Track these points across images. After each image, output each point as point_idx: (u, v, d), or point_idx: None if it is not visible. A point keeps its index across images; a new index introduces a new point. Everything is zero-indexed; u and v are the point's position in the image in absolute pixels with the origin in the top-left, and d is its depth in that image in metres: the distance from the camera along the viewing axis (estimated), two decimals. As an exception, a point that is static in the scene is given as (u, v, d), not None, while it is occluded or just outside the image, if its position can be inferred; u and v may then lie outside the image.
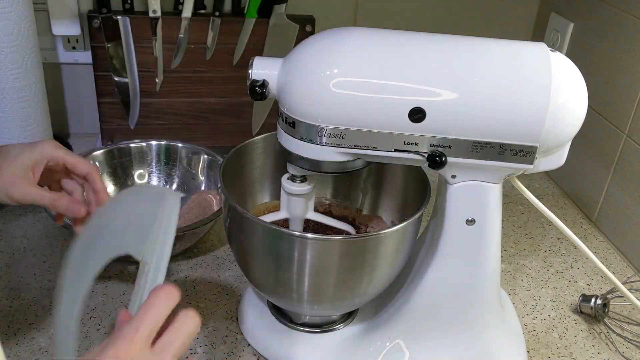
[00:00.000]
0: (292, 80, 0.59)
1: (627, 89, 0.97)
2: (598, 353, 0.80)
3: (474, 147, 0.59)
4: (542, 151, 0.60)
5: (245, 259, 0.71)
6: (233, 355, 0.75)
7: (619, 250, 1.01)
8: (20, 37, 0.97)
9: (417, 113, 0.57)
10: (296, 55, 0.60)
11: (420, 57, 0.59)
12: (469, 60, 0.59)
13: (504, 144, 0.59)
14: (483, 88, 0.58)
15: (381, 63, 0.58)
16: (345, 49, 0.58)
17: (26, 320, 0.77)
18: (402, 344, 0.72)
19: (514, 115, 0.58)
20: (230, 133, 1.16)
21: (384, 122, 0.58)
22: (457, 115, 0.58)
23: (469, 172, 0.62)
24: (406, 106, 0.57)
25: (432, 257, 0.68)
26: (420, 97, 0.57)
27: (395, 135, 0.59)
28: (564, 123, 0.59)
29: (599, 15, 1.05)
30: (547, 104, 0.57)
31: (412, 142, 0.59)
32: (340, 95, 0.57)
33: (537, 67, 0.58)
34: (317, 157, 0.61)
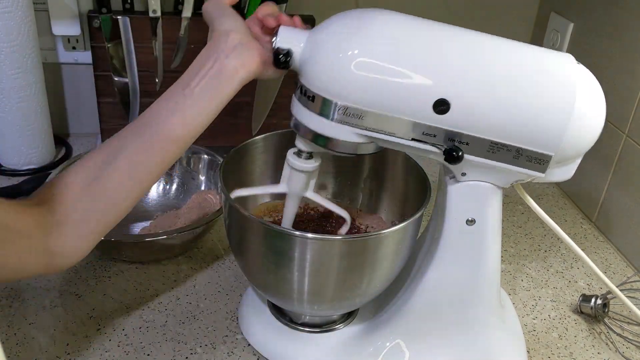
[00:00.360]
0: (316, 55, 0.58)
1: (627, 89, 0.97)
2: (598, 353, 0.80)
3: (491, 147, 0.59)
4: (555, 161, 0.60)
5: (245, 258, 0.71)
6: (233, 355, 0.75)
7: (619, 250, 1.01)
8: (20, 37, 0.97)
9: (442, 105, 0.57)
10: (324, 29, 0.59)
11: (451, 50, 0.58)
12: (499, 60, 0.58)
13: (521, 148, 0.59)
14: (510, 89, 0.58)
15: (411, 49, 0.57)
16: (374, 30, 0.57)
17: (26, 320, 0.77)
18: (402, 344, 0.72)
19: (536, 121, 0.58)
20: (230, 133, 1.16)
21: (407, 109, 0.57)
22: (481, 113, 0.58)
23: (480, 172, 0.62)
24: (432, 96, 0.57)
25: (432, 257, 0.68)
26: (448, 89, 0.57)
27: (416, 124, 0.58)
28: (582, 136, 0.59)
29: (599, 15, 1.05)
30: (569, 115, 0.58)
31: (431, 134, 0.59)
32: (363, 77, 0.56)
33: (564, 77, 0.59)
34: (331, 135, 0.60)
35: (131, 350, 0.74)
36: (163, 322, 0.78)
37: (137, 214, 0.94)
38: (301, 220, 0.81)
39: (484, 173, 0.62)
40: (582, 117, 0.58)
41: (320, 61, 0.57)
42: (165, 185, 0.99)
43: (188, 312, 0.80)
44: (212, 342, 0.76)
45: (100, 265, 0.87)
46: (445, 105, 0.57)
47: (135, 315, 0.79)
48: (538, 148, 0.59)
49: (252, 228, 0.67)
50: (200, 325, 0.78)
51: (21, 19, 0.96)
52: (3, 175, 1.07)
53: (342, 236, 0.68)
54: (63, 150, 1.16)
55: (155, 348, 0.75)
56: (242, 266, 0.73)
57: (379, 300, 0.76)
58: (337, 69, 0.57)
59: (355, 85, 0.57)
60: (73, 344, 0.74)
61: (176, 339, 0.76)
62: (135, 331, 0.77)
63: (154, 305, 0.81)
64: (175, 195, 0.99)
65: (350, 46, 0.56)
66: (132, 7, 1.08)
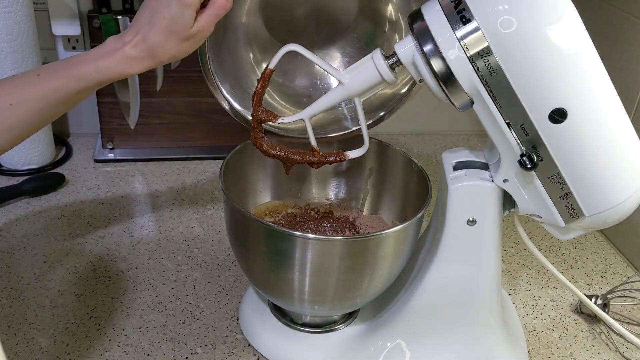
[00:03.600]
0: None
1: (627, 89, 0.97)
2: (598, 353, 0.80)
3: (553, 177, 0.60)
4: (580, 223, 0.62)
5: (246, 259, 0.71)
6: (233, 355, 0.75)
7: (619, 250, 1.01)
8: (20, 37, 0.97)
9: (561, 115, 0.56)
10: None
11: (597, 72, 0.57)
12: (617, 116, 0.59)
13: (571, 193, 0.60)
14: (612, 142, 0.58)
15: (572, 49, 0.55)
16: (567, 11, 0.55)
17: (26, 320, 0.77)
18: (403, 344, 0.72)
19: (605, 185, 0.59)
20: (230, 133, 1.16)
21: (530, 96, 0.56)
22: (578, 142, 0.57)
23: (519, 188, 0.63)
24: (559, 101, 0.56)
25: (433, 257, 0.68)
26: (576, 105, 0.56)
27: (524, 114, 0.57)
28: (611, 219, 0.61)
29: (599, 15, 1.05)
30: (626, 202, 0.59)
31: (526, 131, 0.58)
32: (527, 42, 0.54)
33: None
34: (451, 63, 0.56)
35: (131, 350, 0.74)
36: (163, 322, 0.78)
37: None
38: (302, 221, 0.81)
39: (521, 191, 0.63)
40: (627, 208, 0.60)
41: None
42: None
43: (188, 312, 0.80)
44: (212, 342, 0.76)
45: (100, 265, 0.87)
46: (562, 117, 0.56)
47: (135, 315, 0.79)
48: (584, 203, 0.60)
49: (253, 228, 0.67)
50: (200, 325, 0.78)
51: (21, 18, 0.96)
52: (3, 175, 1.07)
53: (343, 237, 0.68)
54: (63, 150, 1.16)
55: (155, 348, 0.75)
56: (242, 266, 0.73)
57: (380, 301, 0.76)
58: (504, 15, 0.53)
59: (513, 42, 0.54)
60: (73, 344, 0.74)
61: (176, 339, 0.76)
62: (135, 331, 0.77)
63: (154, 305, 0.81)
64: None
65: (538, 11, 0.53)
66: (132, 7, 1.07)
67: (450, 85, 0.57)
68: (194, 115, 1.14)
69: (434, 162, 1.23)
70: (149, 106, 1.11)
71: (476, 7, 0.54)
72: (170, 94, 1.12)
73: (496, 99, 0.57)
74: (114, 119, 1.12)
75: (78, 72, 0.60)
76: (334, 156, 0.68)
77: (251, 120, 0.68)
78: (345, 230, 0.80)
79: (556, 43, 0.54)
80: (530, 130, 0.58)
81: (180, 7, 0.57)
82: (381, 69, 0.60)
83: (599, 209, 0.60)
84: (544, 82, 0.55)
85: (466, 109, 0.60)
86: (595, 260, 0.98)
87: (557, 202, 0.61)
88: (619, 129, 0.59)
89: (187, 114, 1.14)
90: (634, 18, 0.96)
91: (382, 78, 0.61)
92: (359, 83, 0.62)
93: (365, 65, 0.62)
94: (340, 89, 0.63)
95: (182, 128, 1.15)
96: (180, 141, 1.15)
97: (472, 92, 0.57)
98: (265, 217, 0.81)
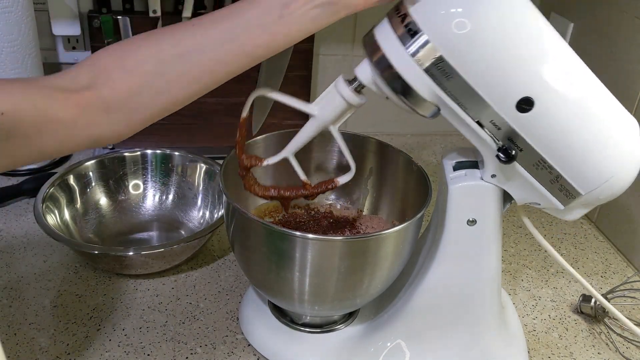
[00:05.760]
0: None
1: (627, 89, 0.97)
2: (598, 353, 0.80)
3: (538, 163, 0.59)
4: (578, 202, 0.61)
5: (246, 259, 0.71)
6: (233, 355, 0.75)
7: (619, 250, 1.01)
8: (20, 37, 0.97)
9: (527, 104, 0.56)
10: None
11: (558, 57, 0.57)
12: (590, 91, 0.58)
13: (561, 176, 0.60)
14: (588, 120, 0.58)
15: (526, 40, 0.55)
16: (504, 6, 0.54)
17: (26, 320, 0.77)
18: (403, 344, 0.72)
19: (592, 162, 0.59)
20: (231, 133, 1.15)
21: (494, 92, 0.56)
22: (554, 126, 0.57)
23: (510, 181, 0.63)
24: (522, 91, 0.55)
25: (433, 257, 0.68)
26: (540, 92, 0.56)
27: (491, 110, 0.57)
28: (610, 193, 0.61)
29: (599, 15, 1.05)
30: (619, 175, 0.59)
31: (498, 126, 0.58)
32: (476, 40, 0.54)
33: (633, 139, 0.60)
34: (409, 79, 0.56)
35: (131, 350, 0.74)
36: (163, 322, 0.78)
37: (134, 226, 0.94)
38: (302, 221, 0.81)
39: (512, 183, 0.63)
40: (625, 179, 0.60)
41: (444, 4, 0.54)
42: (161, 195, 0.98)
43: (188, 312, 0.80)
44: (212, 342, 0.76)
45: (99, 265, 0.87)
46: (529, 105, 0.56)
47: (135, 315, 0.79)
48: (576, 182, 0.60)
49: (253, 228, 0.67)
50: (200, 325, 0.78)
51: (21, 18, 0.96)
52: (3, 175, 1.07)
53: (343, 237, 0.68)
54: (63, 150, 1.16)
55: (155, 348, 0.75)
56: (242, 266, 0.73)
57: (380, 301, 0.76)
58: (455, 21, 0.53)
59: (466, 44, 0.54)
60: (73, 344, 0.74)
61: (176, 339, 0.76)
62: (135, 331, 0.77)
63: (154, 305, 0.81)
64: (173, 206, 0.98)
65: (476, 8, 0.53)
66: (132, 7, 1.07)
67: (413, 98, 0.58)
68: (194, 115, 1.14)
69: (434, 162, 1.23)
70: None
71: (423, 19, 0.54)
72: (170, 94, 1.12)
73: (460, 102, 0.57)
74: (114, 119, 1.12)
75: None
76: (325, 185, 0.70)
77: (239, 170, 0.69)
78: (345, 230, 0.80)
79: (510, 35, 0.54)
80: (502, 124, 0.58)
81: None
82: (346, 95, 0.61)
83: (593, 186, 0.59)
84: (504, 76, 0.55)
85: (436, 116, 0.60)
86: (595, 260, 0.98)
87: (549, 186, 0.61)
88: (595, 104, 0.58)
89: (187, 115, 1.14)
90: (634, 18, 0.96)
91: (349, 104, 0.62)
92: (329, 113, 0.63)
93: (330, 95, 0.63)
94: (313, 121, 0.64)
95: (182, 129, 1.15)
96: (180, 142, 1.15)
97: (435, 100, 0.58)
98: (265, 217, 0.81)
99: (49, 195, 0.88)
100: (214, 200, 0.96)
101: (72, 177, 0.93)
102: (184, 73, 0.56)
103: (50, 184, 0.89)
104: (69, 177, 0.92)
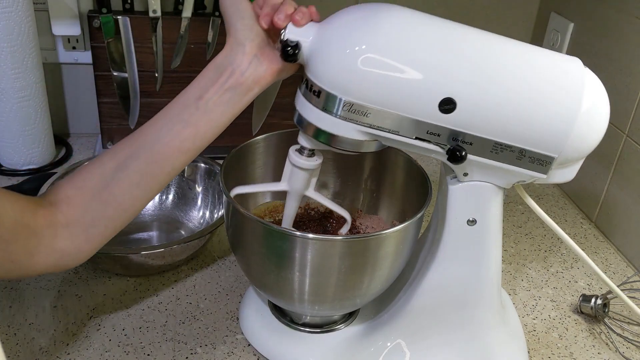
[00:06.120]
0: (324, 49, 0.57)
1: (627, 89, 0.97)
2: (598, 353, 0.80)
3: (495, 148, 0.59)
4: (558, 163, 0.60)
5: (246, 258, 0.71)
6: (233, 355, 0.75)
7: (619, 250, 1.01)
8: (20, 37, 0.97)
9: (449, 104, 0.56)
10: (332, 23, 0.58)
11: (459, 49, 0.58)
12: (507, 62, 0.58)
13: (525, 149, 0.59)
14: (516, 91, 0.57)
15: (419, 47, 0.57)
16: (384, 25, 0.57)
17: (26, 321, 0.77)
18: (403, 344, 0.72)
19: (541, 123, 0.58)
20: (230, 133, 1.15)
21: (413, 107, 0.57)
22: (487, 113, 0.57)
23: (482, 172, 0.62)
24: (439, 95, 0.56)
25: (433, 257, 0.68)
26: (455, 88, 0.56)
27: (420, 122, 0.58)
28: (586, 138, 0.59)
29: (599, 15, 1.05)
30: (574, 118, 0.58)
31: (435, 133, 0.58)
32: (371, 74, 0.56)
33: (571, 81, 0.59)
34: (335, 131, 0.59)
35: (131, 350, 0.74)
36: (163, 322, 0.78)
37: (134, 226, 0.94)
38: (302, 221, 0.81)
39: (486, 173, 0.62)
40: (587, 120, 0.58)
41: (328, 55, 0.57)
42: (161, 195, 0.98)
43: (188, 312, 0.80)
44: (212, 342, 0.76)
45: (100, 265, 0.87)
46: (451, 104, 0.57)
47: (135, 315, 0.79)
48: (542, 150, 0.59)
49: (253, 228, 0.67)
50: (200, 325, 0.78)
51: (21, 18, 0.96)
52: (3, 175, 1.07)
53: (343, 237, 0.68)
54: (63, 150, 1.16)
55: (155, 348, 0.75)
56: (242, 266, 0.73)
57: (380, 301, 0.76)
58: (344, 64, 0.56)
59: (362, 81, 0.56)
60: (73, 344, 0.74)
61: (176, 339, 0.76)
62: (135, 331, 0.77)
63: (154, 305, 0.81)
64: (173, 206, 0.98)
65: (358, 41, 0.56)
66: (132, 7, 1.07)
67: (353, 146, 0.61)
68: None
69: (434, 162, 1.23)
70: (149, 106, 1.11)
71: (320, 78, 0.57)
72: (170, 94, 1.11)
73: (389, 129, 0.59)
74: (114, 119, 1.12)
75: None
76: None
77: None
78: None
79: (401, 52, 0.56)
80: (438, 130, 0.58)
81: None
82: (302, 165, 0.65)
83: (560, 145, 0.59)
84: (413, 89, 0.56)
85: (384, 147, 0.62)
86: (595, 260, 0.98)
87: (520, 163, 0.60)
88: (515, 72, 0.58)
89: (187, 114, 1.14)
90: (634, 18, 0.96)
91: (309, 169, 0.66)
92: (298, 184, 0.67)
93: (289, 169, 0.67)
94: (290, 196, 0.69)
95: (182, 128, 1.14)
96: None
97: (370, 137, 0.60)
98: (265, 217, 0.81)
99: (49, 195, 0.88)
100: (214, 200, 0.96)
101: (72, 177, 0.93)
102: (123, 180, 0.61)
103: (51, 184, 0.89)
104: (69, 177, 0.92)
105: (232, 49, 0.60)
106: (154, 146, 0.61)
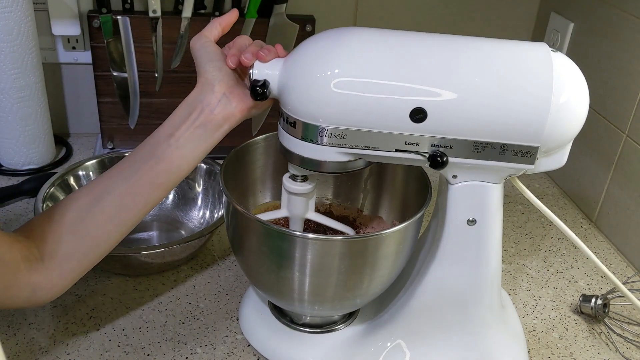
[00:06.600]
0: (293, 80, 0.59)
1: (627, 89, 0.97)
2: (598, 353, 0.80)
3: (475, 147, 0.59)
4: (543, 151, 0.60)
5: (246, 259, 0.71)
6: (233, 355, 0.75)
7: (619, 250, 1.01)
8: (20, 37, 0.97)
9: (419, 113, 0.57)
10: (297, 55, 0.60)
11: (421, 57, 0.59)
12: (470, 61, 0.59)
13: (505, 144, 0.59)
14: (484, 88, 0.58)
15: (382, 63, 0.58)
16: (346, 49, 0.58)
17: (26, 320, 0.77)
18: (403, 344, 0.72)
19: (515, 116, 0.58)
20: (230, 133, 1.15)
21: (385, 122, 0.58)
22: (458, 116, 0.58)
23: (470, 172, 0.62)
24: (407, 106, 0.57)
25: (433, 257, 0.68)
26: (422, 97, 0.57)
27: (396, 135, 0.59)
28: (565, 123, 0.59)
29: (599, 15, 1.05)
30: (548, 105, 0.57)
31: (414, 142, 0.59)
32: (341, 96, 0.57)
33: (539, 67, 0.58)
34: (318, 157, 0.61)
35: (131, 350, 0.74)
36: (163, 322, 0.78)
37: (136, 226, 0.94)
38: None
39: (474, 173, 0.63)
40: (562, 104, 0.58)
41: (296, 86, 0.59)
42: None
43: (188, 312, 0.80)
44: (212, 342, 0.76)
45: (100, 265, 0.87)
46: (421, 113, 0.57)
47: (135, 315, 0.79)
48: (522, 141, 0.59)
49: (253, 228, 0.67)
50: (200, 325, 0.78)
51: (21, 18, 0.96)
52: (3, 175, 1.07)
53: (343, 237, 0.68)
54: (63, 150, 1.16)
55: (155, 348, 0.75)
56: (242, 266, 0.73)
57: (380, 301, 0.76)
58: (313, 92, 0.58)
59: (333, 106, 0.58)
60: (73, 344, 0.74)
61: (176, 339, 0.76)
62: (135, 331, 0.77)
63: (154, 305, 0.81)
64: (173, 206, 0.98)
65: (323, 68, 0.57)
66: (132, 7, 1.07)
67: (339, 167, 0.62)
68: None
69: (434, 162, 1.23)
70: (149, 106, 1.12)
71: (296, 111, 0.59)
72: (170, 94, 1.12)
73: (369, 146, 0.60)
74: (114, 119, 1.12)
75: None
76: None
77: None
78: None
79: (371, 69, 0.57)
80: (416, 139, 0.59)
81: None
82: (297, 190, 0.68)
83: (539, 133, 0.58)
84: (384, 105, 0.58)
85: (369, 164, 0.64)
86: (595, 260, 0.98)
87: (504, 157, 0.60)
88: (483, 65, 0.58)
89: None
90: (634, 18, 0.96)
91: (305, 193, 0.68)
92: (298, 209, 0.69)
93: (287, 196, 0.69)
94: (293, 219, 0.71)
95: (182, 128, 1.14)
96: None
97: (354, 157, 0.61)
98: (265, 217, 0.81)
99: (49, 195, 0.88)
100: (214, 200, 0.96)
101: (72, 177, 0.93)
102: (98, 214, 0.62)
103: (51, 184, 0.89)
104: (69, 177, 0.92)
105: (202, 89, 0.63)
106: (128, 180, 0.62)
